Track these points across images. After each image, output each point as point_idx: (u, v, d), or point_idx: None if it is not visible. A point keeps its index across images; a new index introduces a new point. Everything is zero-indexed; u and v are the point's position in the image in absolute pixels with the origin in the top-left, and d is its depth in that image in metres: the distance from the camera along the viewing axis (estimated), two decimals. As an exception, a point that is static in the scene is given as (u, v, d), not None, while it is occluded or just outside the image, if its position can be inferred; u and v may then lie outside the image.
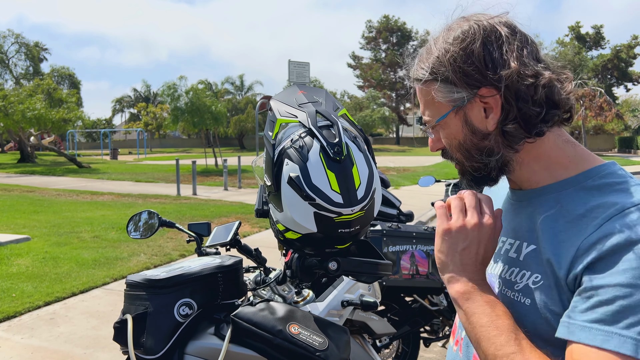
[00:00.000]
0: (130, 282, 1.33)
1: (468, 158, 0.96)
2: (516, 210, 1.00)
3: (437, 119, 0.96)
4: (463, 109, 0.92)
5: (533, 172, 0.94)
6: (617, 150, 40.04)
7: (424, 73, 0.95)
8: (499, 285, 0.96)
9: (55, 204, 11.44)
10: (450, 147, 0.97)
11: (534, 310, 0.87)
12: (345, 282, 1.86)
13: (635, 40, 42.93)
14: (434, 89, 0.93)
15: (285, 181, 1.16)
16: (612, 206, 0.83)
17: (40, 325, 4.30)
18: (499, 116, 0.90)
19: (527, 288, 0.89)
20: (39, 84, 31.40)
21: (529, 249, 0.92)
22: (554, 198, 0.92)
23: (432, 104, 0.95)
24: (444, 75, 0.91)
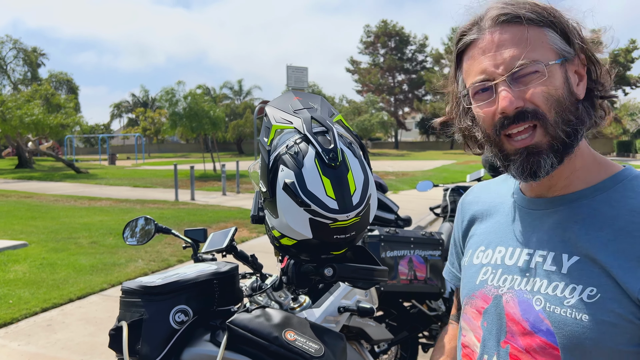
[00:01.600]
0: (126, 289, 1.33)
1: (563, 119, 0.86)
2: (537, 218, 0.95)
3: (550, 61, 0.85)
4: (566, 64, 0.87)
5: (573, 170, 0.91)
6: (616, 154, 40.15)
7: (543, 15, 0.87)
8: (540, 302, 0.87)
9: (53, 210, 11.41)
10: (546, 102, 0.85)
11: (594, 325, 0.81)
12: (342, 288, 1.86)
13: (633, 44, 43.09)
14: (545, 32, 0.86)
15: (281, 187, 1.16)
16: None
17: (37, 331, 4.28)
18: (585, 85, 0.89)
19: (581, 303, 0.82)
20: (37, 89, 31.46)
21: (573, 261, 0.86)
22: (587, 204, 0.89)
23: (541, 48, 0.86)
24: (560, 27, 0.87)
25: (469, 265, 1.08)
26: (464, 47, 0.93)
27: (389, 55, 53.69)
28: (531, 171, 0.87)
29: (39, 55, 55.27)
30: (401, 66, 53.77)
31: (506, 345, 0.92)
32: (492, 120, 0.89)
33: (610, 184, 0.89)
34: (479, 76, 0.89)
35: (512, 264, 0.95)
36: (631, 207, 0.84)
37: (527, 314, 0.89)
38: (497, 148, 0.91)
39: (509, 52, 0.85)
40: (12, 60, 51.19)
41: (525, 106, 0.85)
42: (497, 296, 0.95)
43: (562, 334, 0.83)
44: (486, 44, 0.88)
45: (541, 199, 0.95)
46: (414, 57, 54.83)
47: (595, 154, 0.93)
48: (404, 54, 54.44)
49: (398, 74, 54.69)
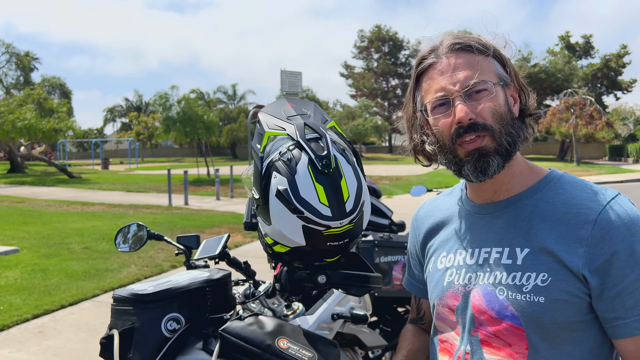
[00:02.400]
0: (117, 296, 1.31)
1: (506, 130, 1.02)
2: (489, 221, 1.10)
3: (495, 82, 1.04)
4: (506, 88, 1.05)
5: (512, 176, 1.07)
6: (608, 159, 40.38)
7: (490, 47, 1.06)
8: (503, 292, 1.02)
9: (45, 215, 11.34)
10: (493, 116, 1.01)
11: (549, 305, 0.96)
12: (336, 295, 1.85)
13: (625, 49, 43.42)
14: (491, 62, 1.05)
15: (274, 194, 1.15)
16: (591, 201, 0.99)
17: (28, 338, 4.24)
18: (519, 107, 1.08)
19: (536, 287, 0.98)
20: (30, 93, 31.29)
21: (525, 253, 1.01)
22: (528, 204, 1.05)
23: (488, 71, 1.04)
24: (501, 58, 1.07)
25: (434, 271, 1.20)
26: (423, 69, 1.09)
27: (382, 60, 53.81)
28: (482, 169, 1.02)
29: (31, 59, 55.02)
30: (395, 71, 53.88)
31: (476, 333, 1.06)
32: (449, 131, 1.04)
33: (543, 185, 1.07)
34: (438, 93, 1.04)
35: (473, 263, 1.09)
36: (563, 201, 1.02)
37: (492, 304, 1.03)
38: (451, 154, 1.06)
39: (463, 73, 1.03)
40: (5, 64, 50.89)
41: (477, 119, 1.01)
42: (465, 293, 1.09)
43: (525, 316, 0.98)
44: (444, 67, 1.05)
45: (489, 204, 1.11)
46: (407, 61, 54.94)
47: (527, 162, 1.11)
48: (397, 59, 54.57)
49: (392, 78, 54.80)
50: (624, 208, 0.98)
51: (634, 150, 36.27)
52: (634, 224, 0.96)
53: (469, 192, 1.17)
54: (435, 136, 1.08)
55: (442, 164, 1.11)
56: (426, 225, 1.28)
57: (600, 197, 1.00)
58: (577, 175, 14.26)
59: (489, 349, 1.03)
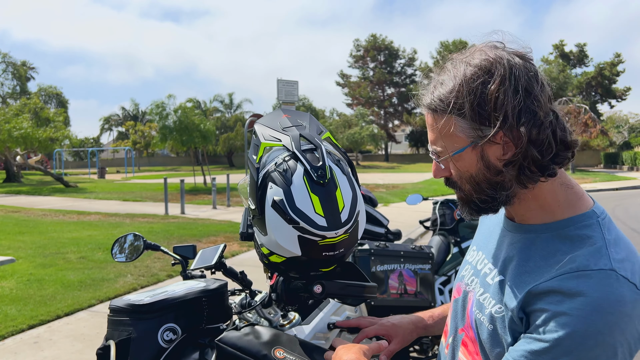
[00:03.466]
0: (114, 307, 1.32)
1: (477, 191, 0.96)
2: (503, 236, 1.06)
3: (452, 152, 0.94)
4: (481, 144, 0.90)
5: (528, 210, 0.98)
6: (603, 166, 40.54)
7: (440, 104, 0.92)
8: (474, 304, 1.04)
9: (41, 225, 11.30)
10: (460, 179, 0.97)
11: (495, 336, 0.96)
12: (332, 305, 1.85)
13: (618, 58, 43.79)
14: (452, 121, 0.91)
15: (269, 205, 1.16)
16: (572, 262, 0.87)
17: (23, 349, 4.21)
18: (512, 153, 0.89)
19: (490, 315, 0.97)
20: (26, 103, 31.25)
21: (498, 279, 0.99)
22: (532, 238, 0.97)
23: (448, 136, 0.93)
24: (463, 110, 0.89)
25: (464, 260, 1.23)
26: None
27: (378, 69, 54.07)
28: (470, 214, 1.02)
29: (28, 69, 55.02)
30: (390, 80, 54.15)
31: (462, 332, 1.10)
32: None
33: (560, 226, 0.94)
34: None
35: (479, 269, 1.10)
36: (557, 250, 0.91)
37: (471, 312, 1.06)
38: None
39: (430, 135, 0.99)
40: (1, 74, 50.91)
41: (449, 176, 1.01)
42: (465, 292, 1.12)
43: (479, 333, 1.01)
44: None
45: (511, 221, 1.05)
46: (403, 70, 55.26)
47: (558, 196, 0.95)
48: (393, 68, 54.86)
49: (387, 87, 55.06)
50: (600, 288, 0.83)
51: (629, 158, 36.44)
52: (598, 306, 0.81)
53: None
54: None
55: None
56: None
57: (584, 264, 0.86)
58: (573, 183, 14.20)
59: (464, 349, 1.07)
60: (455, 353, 1.11)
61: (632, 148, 38.90)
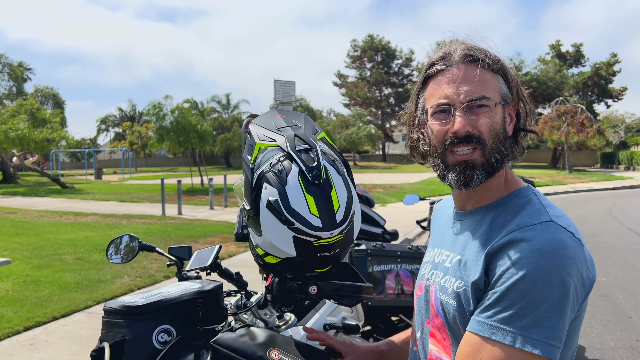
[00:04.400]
0: (108, 308, 1.31)
1: (497, 148, 1.06)
2: (456, 227, 1.18)
3: (499, 101, 1.06)
4: (506, 107, 1.08)
5: (490, 188, 1.11)
6: (600, 166, 40.65)
7: (499, 64, 1.08)
8: (439, 291, 1.11)
9: (38, 226, 11.26)
10: (489, 132, 1.05)
11: (460, 310, 1.03)
12: (327, 305, 1.85)
13: (614, 58, 43.87)
14: (497, 79, 1.07)
15: (264, 205, 1.16)
16: (516, 222, 1.01)
17: (19, 351, 4.19)
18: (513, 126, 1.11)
19: (453, 293, 1.06)
20: (22, 104, 31.19)
21: (456, 259, 1.10)
22: (481, 217, 1.11)
23: (493, 89, 1.06)
24: (507, 76, 1.09)
25: (422, 263, 1.31)
26: (432, 73, 1.11)
27: (375, 69, 54.07)
28: (465, 181, 1.07)
29: (24, 70, 54.91)
30: (388, 80, 54.14)
31: (428, 325, 1.16)
32: (443, 137, 1.07)
33: (505, 201, 1.10)
34: (442, 100, 1.07)
35: (436, 262, 1.19)
36: (504, 220, 1.05)
37: (436, 301, 1.12)
38: (440, 159, 1.10)
39: (469, 86, 1.05)
40: (-2, 75, 50.78)
41: (472, 132, 1.04)
42: (427, 286, 1.19)
43: (445, 315, 1.08)
44: (453, 76, 1.06)
45: (460, 211, 1.18)
46: (400, 71, 55.26)
47: (512, 174, 1.14)
48: (390, 68, 54.86)
49: (385, 87, 55.06)
50: (544, 235, 0.95)
51: (625, 158, 36.55)
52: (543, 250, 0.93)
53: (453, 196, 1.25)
54: (429, 138, 1.11)
55: (431, 166, 1.14)
56: (434, 220, 1.38)
57: (527, 222, 0.99)
58: (570, 182, 14.39)
59: (433, 339, 1.14)
60: (425, 345, 1.16)
61: (629, 148, 39.03)
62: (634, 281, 6.40)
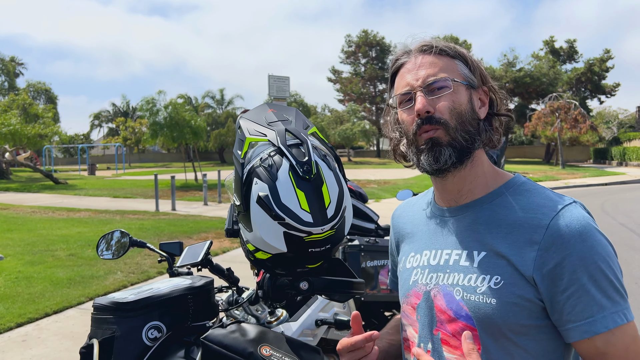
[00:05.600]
0: (97, 305, 1.30)
1: (463, 128, 1.07)
2: (452, 224, 1.13)
3: (456, 78, 1.08)
4: (472, 90, 1.10)
5: (475, 177, 1.11)
6: (593, 161, 40.83)
7: (454, 49, 1.11)
8: (459, 293, 1.05)
9: (30, 222, 11.20)
10: (450, 112, 1.06)
11: (501, 307, 0.99)
12: (319, 301, 1.84)
13: (608, 54, 44.01)
14: (455, 63, 1.10)
15: (254, 201, 1.15)
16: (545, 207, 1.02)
17: (11, 347, 4.17)
18: (487, 110, 1.12)
19: (489, 290, 1.01)
20: (14, 99, 30.98)
21: (481, 256, 1.05)
22: (487, 208, 1.09)
23: (451, 70, 1.09)
24: (466, 61, 1.11)
25: (403, 271, 1.23)
26: (396, 69, 1.15)
27: (370, 65, 54.02)
28: (435, 157, 1.06)
29: (16, 64, 54.47)
30: (382, 75, 54.08)
31: (437, 332, 1.09)
32: (412, 124, 1.09)
33: (504, 190, 1.10)
34: (404, 88, 1.10)
35: (435, 264, 1.13)
36: (520, 205, 1.05)
37: (450, 304, 1.06)
38: (414, 146, 1.10)
39: (426, 70, 1.09)
40: (-11, 69, 50.36)
41: (434, 113, 1.06)
42: (427, 292, 1.12)
43: (477, 317, 1.02)
44: (411, 65, 1.11)
45: (452, 207, 1.14)
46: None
47: (492, 166, 1.15)
48: (384, 64, 54.74)
49: (379, 83, 55.02)
50: (576, 215, 1.00)
51: (618, 153, 36.74)
52: (585, 230, 0.98)
53: (436, 195, 1.21)
54: (403, 130, 1.12)
55: (411, 159, 1.14)
56: (400, 225, 1.31)
57: (555, 204, 1.02)
58: (563, 178, 14.53)
59: (447, 347, 1.07)
60: (441, 356, 1.08)
61: (621, 143, 39.22)
62: (627, 276, 6.44)
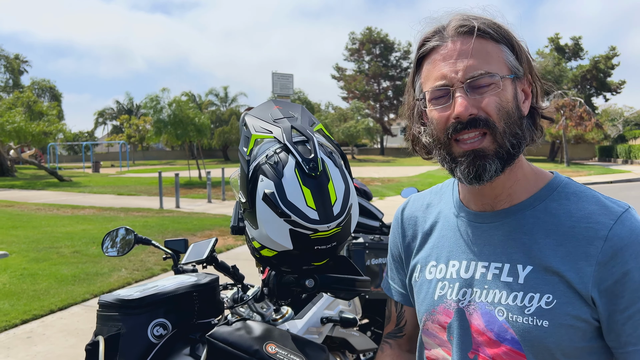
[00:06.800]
0: (103, 302, 1.30)
1: (511, 131, 0.90)
2: (486, 231, 0.98)
3: (506, 75, 0.91)
4: (517, 81, 0.93)
5: (516, 181, 0.96)
6: (598, 159, 40.68)
7: (499, 31, 0.92)
8: (503, 313, 0.91)
9: (35, 219, 11.24)
10: (498, 112, 0.89)
11: (554, 329, 0.87)
12: (325, 299, 1.84)
13: (613, 51, 43.79)
14: (502, 49, 0.92)
15: (260, 198, 1.14)
16: (600, 214, 0.89)
17: (16, 344, 4.19)
18: (529, 104, 0.95)
19: (540, 310, 0.88)
20: (19, 96, 31.05)
21: (527, 271, 0.91)
22: (530, 215, 0.94)
23: (497, 61, 0.91)
24: (512, 45, 0.93)
25: (422, 282, 1.08)
26: (425, 52, 0.96)
27: (373, 62, 53.92)
28: (476, 174, 0.91)
29: (21, 62, 54.62)
30: (386, 73, 53.98)
31: (474, 355, 0.95)
32: (445, 124, 0.92)
33: (547, 193, 0.96)
34: (438, 81, 0.92)
35: (468, 277, 0.98)
36: (569, 212, 0.91)
37: (491, 325, 0.93)
38: (445, 151, 0.94)
39: (468, 61, 0.89)
40: (-6, 67, 50.52)
41: (478, 114, 0.89)
42: (459, 310, 0.98)
43: (527, 341, 0.89)
44: (448, 52, 0.91)
45: (487, 212, 0.99)
46: (398, 63, 55.10)
47: (530, 164, 1.00)
48: (388, 61, 54.69)
49: (383, 80, 54.92)
50: (636, 224, 0.88)
51: (623, 151, 36.58)
52: None
53: (464, 196, 1.05)
54: (431, 128, 0.96)
55: (437, 160, 0.98)
56: (412, 227, 1.16)
57: (610, 211, 0.89)
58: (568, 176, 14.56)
59: None
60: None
61: (627, 141, 39.05)
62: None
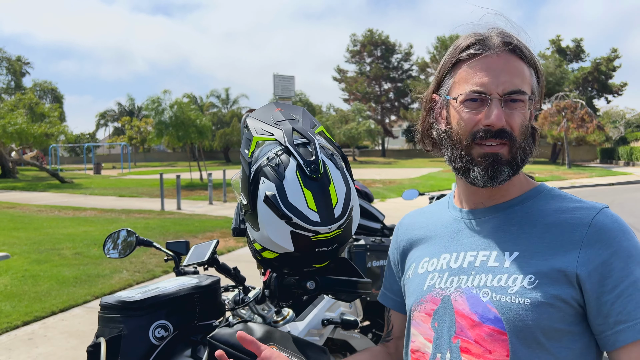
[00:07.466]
0: (104, 304, 1.31)
1: (523, 146, 1.01)
2: (477, 225, 1.07)
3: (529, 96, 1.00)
4: (532, 102, 1.02)
5: (512, 184, 1.05)
6: (599, 161, 40.63)
7: (530, 55, 1.01)
8: (487, 294, 0.98)
9: (36, 220, 11.25)
10: (520, 129, 0.99)
11: (534, 307, 0.93)
12: (326, 301, 1.84)
13: (615, 53, 43.78)
14: (532, 73, 1.02)
15: (262, 200, 1.14)
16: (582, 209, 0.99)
17: (18, 346, 4.19)
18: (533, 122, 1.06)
19: (522, 289, 0.94)
20: (21, 98, 31.13)
21: (514, 256, 0.98)
22: (519, 209, 1.04)
23: (527, 83, 1.00)
24: (537, 71, 1.04)
25: (414, 276, 1.14)
26: (465, 57, 1.02)
27: (375, 64, 53.97)
28: (493, 176, 0.99)
29: (23, 64, 54.75)
30: (387, 75, 54.03)
31: (457, 340, 1.00)
32: (472, 127, 1.00)
33: (534, 194, 1.06)
34: (477, 87, 0.99)
35: (457, 266, 1.05)
36: (555, 208, 1.01)
37: (475, 307, 0.98)
38: (464, 151, 1.02)
39: (510, 77, 0.98)
40: (-4, 69, 50.62)
41: (505, 127, 0.98)
42: (445, 297, 1.04)
43: (508, 318, 0.94)
44: (492, 63, 0.99)
45: (479, 209, 1.08)
46: (399, 65, 55.16)
47: (524, 173, 1.10)
48: (390, 63, 54.75)
49: (384, 82, 54.96)
50: (615, 216, 0.98)
51: (625, 153, 36.53)
52: (626, 229, 0.96)
53: (458, 198, 1.13)
54: (452, 127, 1.03)
55: (447, 156, 1.05)
56: (409, 235, 1.22)
57: (592, 206, 0.99)
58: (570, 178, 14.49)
59: (467, 356, 0.97)
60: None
61: (628, 143, 38.99)
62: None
